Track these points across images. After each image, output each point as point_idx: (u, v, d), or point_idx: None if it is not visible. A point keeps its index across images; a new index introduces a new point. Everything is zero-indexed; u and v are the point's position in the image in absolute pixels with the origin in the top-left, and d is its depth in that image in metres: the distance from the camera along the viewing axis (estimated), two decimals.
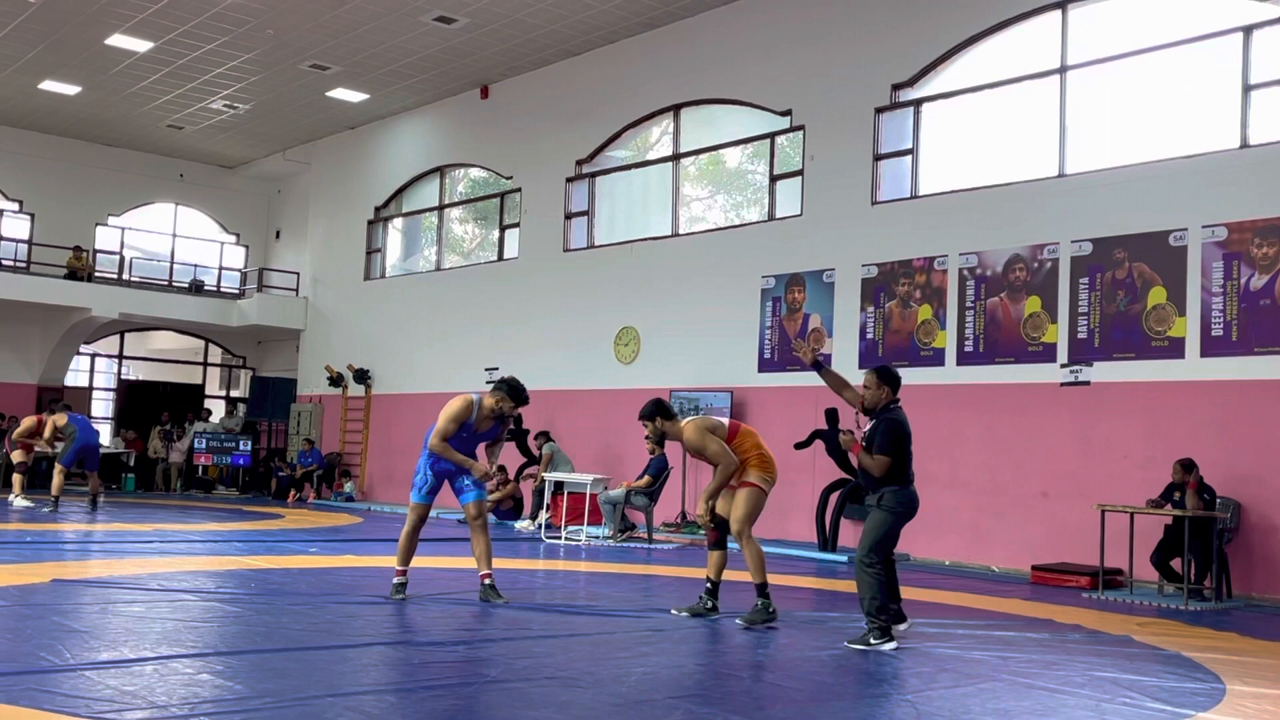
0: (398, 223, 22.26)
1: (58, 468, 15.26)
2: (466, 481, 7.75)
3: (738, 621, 7.27)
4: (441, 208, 21.13)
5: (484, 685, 5.25)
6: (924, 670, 5.98)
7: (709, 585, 7.59)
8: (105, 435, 22.96)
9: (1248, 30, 11.01)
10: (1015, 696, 5.45)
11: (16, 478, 15.72)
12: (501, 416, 7.75)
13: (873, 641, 6.46)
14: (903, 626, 6.84)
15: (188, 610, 7.09)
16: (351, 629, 6.65)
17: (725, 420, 7.50)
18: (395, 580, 7.81)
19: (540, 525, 14.58)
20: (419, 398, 20.04)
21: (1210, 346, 10.87)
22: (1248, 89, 10.97)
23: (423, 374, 20.19)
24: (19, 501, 15.21)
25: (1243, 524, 10.44)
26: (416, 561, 8.16)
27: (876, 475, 6.70)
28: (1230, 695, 5.66)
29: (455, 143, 20.43)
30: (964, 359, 12.72)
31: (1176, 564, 10.17)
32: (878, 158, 13.88)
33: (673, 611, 7.67)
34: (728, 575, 7.76)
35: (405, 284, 21.44)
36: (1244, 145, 10.94)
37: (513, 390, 7.71)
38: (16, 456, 15.75)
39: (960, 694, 5.09)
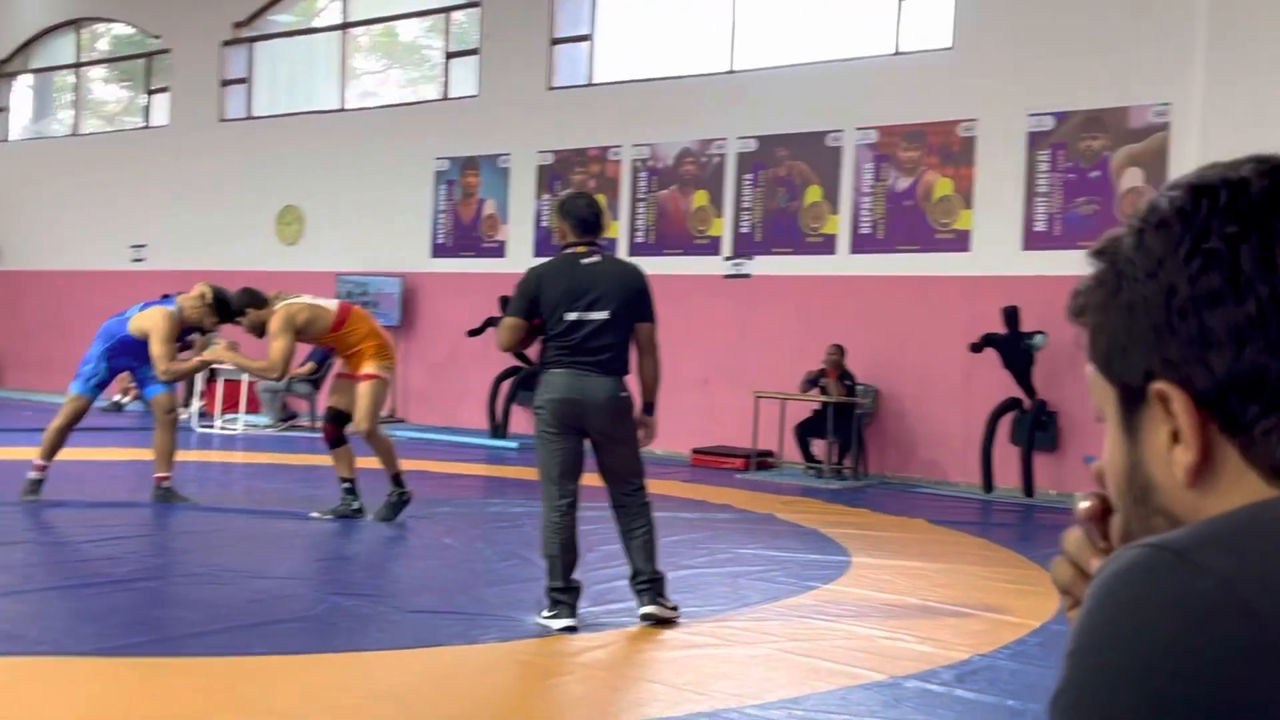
0: (27, 80, 19.89)
1: None
2: (151, 373, 7.01)
3: (370, 517, 6.71)
4: (79, 65, 19.03)
5: (106, 586, 4.80)
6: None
7: (346, 484, 6.84)
8: None
9: None
10: None
11: None
12: (199, 329, 7.09)
13: (544, 615, 4.67)
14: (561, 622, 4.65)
15: None
16: None
17: (333, 304, 6.96)
18: (31, 475, 6.84)
19: (192, 414, 13.69)
20: (57, 275, 18.20)
21: (859, 244, 11.55)
22: None
23: (61, 249, 18.30)
24: None
25: (880, 408, 11.30)
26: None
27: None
28: (854, 567, 6.08)
29: None
30: (636, 249, 12.88)
31: (820, 446, 10.89)
32: (554, 41, 13.65)
33: (313, 515, 6.91)
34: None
35: (37, 149, 19.28)
36: (897, 52, 11.55)
37: (220, 304, 6.87)
38: None
39: (608, 574, 5.17)
